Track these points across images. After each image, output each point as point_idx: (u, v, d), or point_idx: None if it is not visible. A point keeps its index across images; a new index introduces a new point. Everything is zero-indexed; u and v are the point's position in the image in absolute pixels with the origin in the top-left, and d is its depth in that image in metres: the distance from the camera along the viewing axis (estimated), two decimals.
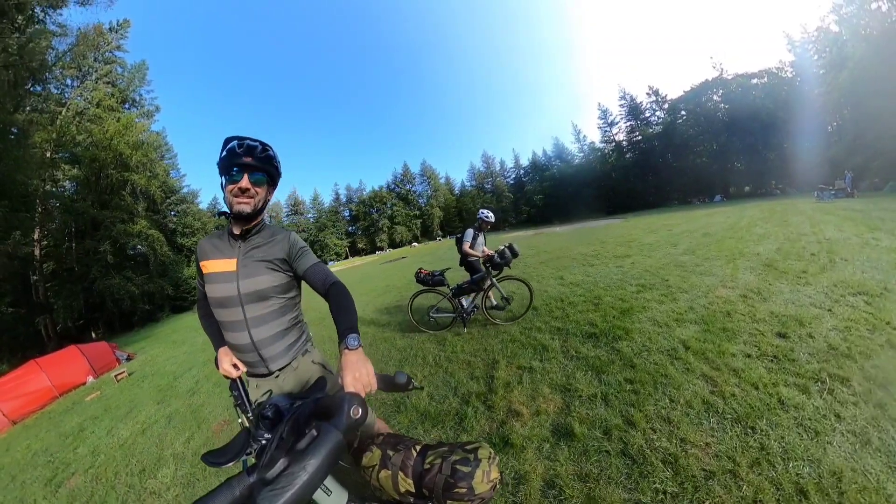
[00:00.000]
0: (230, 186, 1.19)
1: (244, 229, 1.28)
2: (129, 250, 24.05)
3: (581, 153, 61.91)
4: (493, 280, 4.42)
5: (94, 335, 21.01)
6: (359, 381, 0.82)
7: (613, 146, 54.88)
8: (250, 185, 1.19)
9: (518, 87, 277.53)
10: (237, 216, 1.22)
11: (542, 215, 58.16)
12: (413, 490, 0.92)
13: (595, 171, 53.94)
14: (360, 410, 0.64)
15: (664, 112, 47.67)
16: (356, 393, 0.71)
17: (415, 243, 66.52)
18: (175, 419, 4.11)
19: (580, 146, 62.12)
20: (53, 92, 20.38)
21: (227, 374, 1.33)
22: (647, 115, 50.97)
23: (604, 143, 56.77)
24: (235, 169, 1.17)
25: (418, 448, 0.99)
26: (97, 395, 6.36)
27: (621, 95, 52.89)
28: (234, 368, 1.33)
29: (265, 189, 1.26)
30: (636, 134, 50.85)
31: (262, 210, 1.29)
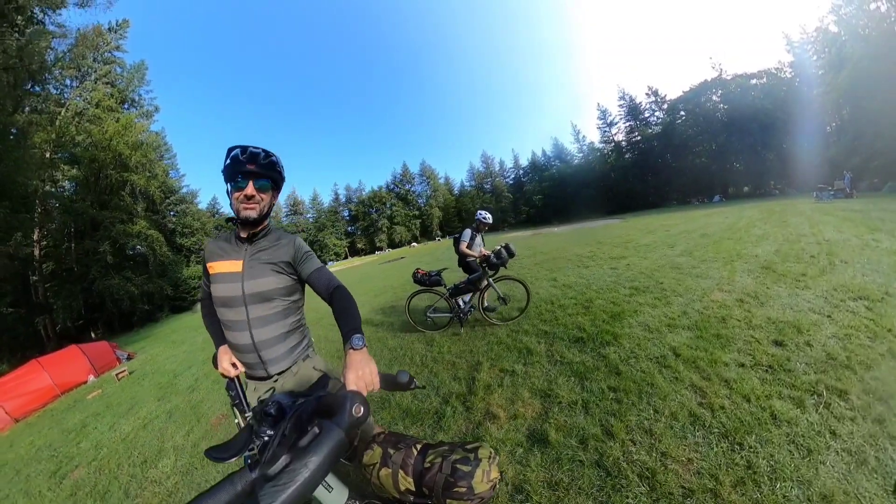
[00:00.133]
0: (236, 193, 1.22)
1: (251, 233, 1.33)
2: (129, 250, 24.06)
3: (580, 153, 62.09)
4: (490, 280, 4.45)
5: (93, 335, 21.01)
6: (361, 380, 0.83)
7: (613, 146, 54.94)
8: (255, 191, 1.23)
9: (518, 86, 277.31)
10: (244, 222, 1.26)
11: (541, 215, 58.18)
12: (413, 488, 0.92)
13: (594, 172, 53.98)
14: (361, 409, 0.64)
15: (663, 112, 47.75)
16: (358, 391, 0.71)
17: (414, 243, 66.52)
18: (175, 414, 4.20)
19: (579, 146, 62.34)
20: (53, 92, 20.36)
21: (226, 373, 1.34)
22: (647, 115, 51.07)
23: (603, 143, 56.90)
24: (240, 176, 1.21)
25: (419, 447, 1.00)
26: (98, 393, 6.41)
27: (620, 96, 53.05)
28: (233, 367, 1.34)
29: (269, 194, 1.30)
30: (635, 134, 50.91)
31: (268, 214, 1.33)
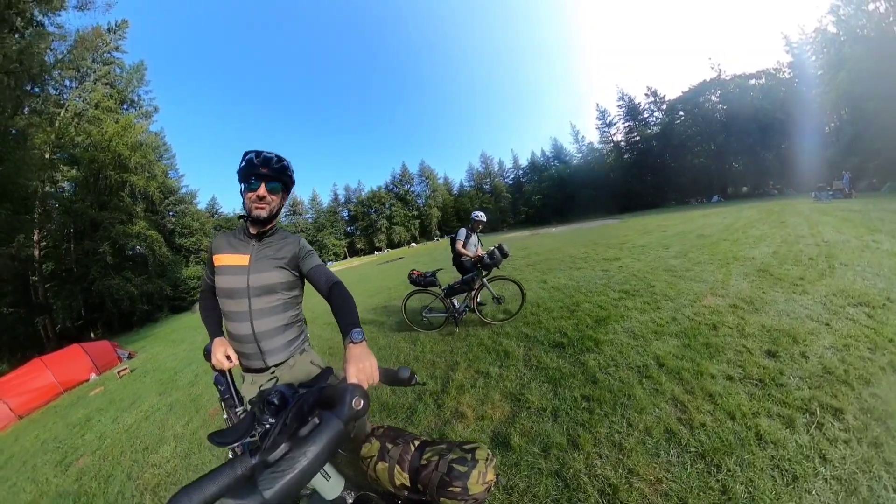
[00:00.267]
0: (249, 194, 1.32)
1: (260, 231, 1.41)
2: (128, 251, 24.02)
3: (579, 154, 62.16)
4: (484, 280, 4.50)
5: (93, 335, 21.01)
6: (362, 373, 0.84)
7: (612, 147, 54.93)
8: (266, 192, 1.33)
9: (517, 87, 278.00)
10: (255, 220, 1.36)
11: (540, 216, 58.21)
12: (408, 484, 0.93)
13: (593, 172, 54.05)
14: (361, 402, 0.65)
15: (662, 113, 47.72)
16: (359, 385, 0.73)
17: (413, 244, 66.59)
18: (176, 407, 4.37)
19: (578, 147, 62.41)
20: (52, 93, 20.36)
21: (219, 365, 1.36)
22: (646, 115, 51.02)
23: (602, 143, 56.93)
24: (253, 178, 1.30)
25: (417, 443, 1.01)
26: (101, 391, 6.50)
27: (620, 96, 52.99)
28: (227, 360, 1.36)
29: (280, 196, 1.39)
30: (634, 134, 50.86)
31: (277, 214, 1.42)
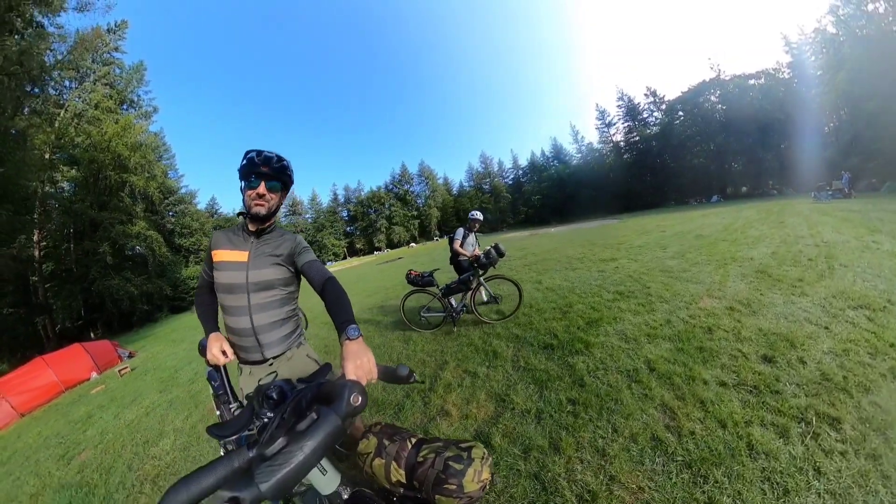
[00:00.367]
0: (249, 191, 1.35)
1: (259, 228, 1.44)
2: (128, 251, 24.02)
3: (579, 154, 62.29)
4: (481, 280, 4.52)
5: (92, 335, 21.00)
6: (360, 370, 0.85)
7: (611, 147, 54.99)
8: (266, 191, 1.36)
9: (517, 87, 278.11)
10: (254, 217, 1.39)
11: (539, 216, 58.28)
12: (404, 481, 0.93)
13: (593, 172, 54.09)
14: (360, 398, 0.66)
15: (662, 113, 47.78)
16: (357, 381, 0.73)
17: (412, 244, 66.67)
18: (176, 403, 4.47)
19: (578, 147, 62.53)
20: (52, 94, 20.37)
21: (214, 360, 1.36)
22: (645, 115, 51.11)
23: (602, 143, 57.04)
24: (254, 176, 1.33)
25: (413, 441, 1.01)
26: (102, 389, 6.55)
27: (619, 96, 53.09)
28: (223, 355, 1.37)
29: (279, 195, 1.42)
30: (634, 135, 50.91)
31: (276, 212, 1.45)
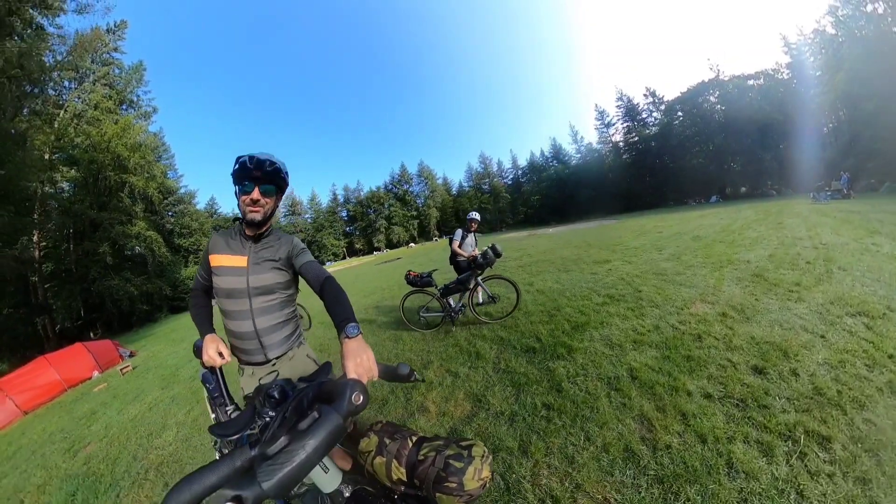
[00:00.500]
0: (243, 197, 1.35)
1: (257, 233, 1.45)
2: (128, 251, 24.03)
3: (578, 154, 62.27)
4: (479, 280, 4.56)
5: (92, 335, 21.00)
6: (361, 368, 0.85)
7: (610, 147, 55.03)
8: (260, 196, 1.35)
9: (517, 87, 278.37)
10: (249, 223, 1.39)
11: (539, 216, 58.31)
12: (405, 479, 0.94)
13: (592, 172, 54.10)
14: (361, 397, 0.66)
15: (661, 113, 47.79)
16: (358, 379, 0.73)
17: (412, 244, 66.65)
18: (178, 399, 4.60)
19: (577, 147, 62.51)
20: (51, 94, 20.38)
21: (210, 362, 1.34)
22: (644, 116, 51.10)
23: (601, 144, 57.05)
24: (247, 181, 1.33)
25: (414, 439, 1.02)
26: (104, 387, 6.61)
27: (618, 97, 53.08)
28: (219, 357, 1.35)
29: (274, 199, 1.42)
30: (633, 135, 50.89)
31: (272, 216, 1.46)
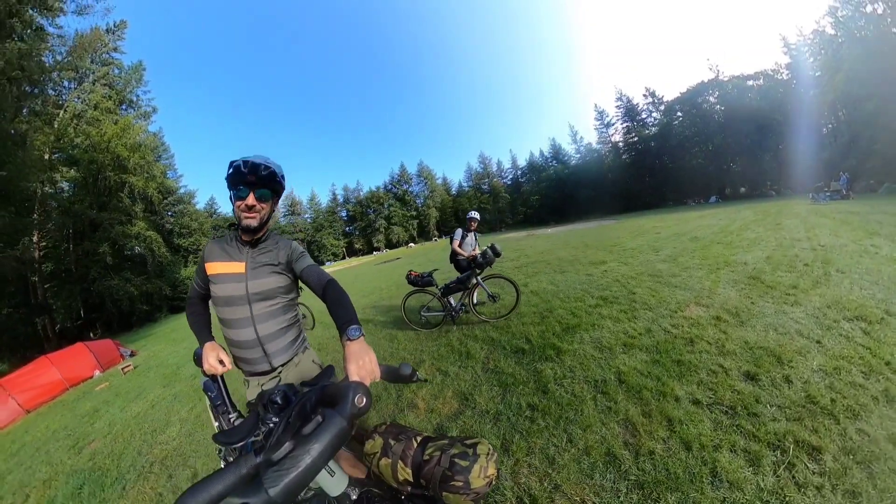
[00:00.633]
0: (238, 202, 1.32)
1: (254, 238, 1.43)
2: (127, 251, 24.00)
3: (578, 154, 62.38)
4: (479, 279, 4.59)
5: (92, 335, 20.98)
6: (363, 370, 0.84)
7: (610, 147, 55.15)
8: (255, 201, 1.32)
9: (516, 87, 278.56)
10: (245, 229, 1.36)
11: (538, 216, 58.41)
12: (411, 479, 0.94)
13: (591, 173, 54.21)
14: (364, 399, 0.66)
15: (660, 113, 47.91)
16: (361, 382, 0.73)
17: (411, 244, 66.72)
18: (180, 396, 4.67)
19: (577, 147, 62.65)
20: (51, 94, 20.36)
21: (211, 370, 1.33)
22: (644, 116, 51.23)
23: (600, 144, 57.21)
24: (241, 186, 1.30)
25: (419, 439, 1.02)
26: (106, 386, 6.64)
27: (618, 97, 53.20)
28: (220, 364, 1.34)
29: (269, 203, 1.39)
30: (632, 135, 50.99)
31: (268, 221, 1.43)
